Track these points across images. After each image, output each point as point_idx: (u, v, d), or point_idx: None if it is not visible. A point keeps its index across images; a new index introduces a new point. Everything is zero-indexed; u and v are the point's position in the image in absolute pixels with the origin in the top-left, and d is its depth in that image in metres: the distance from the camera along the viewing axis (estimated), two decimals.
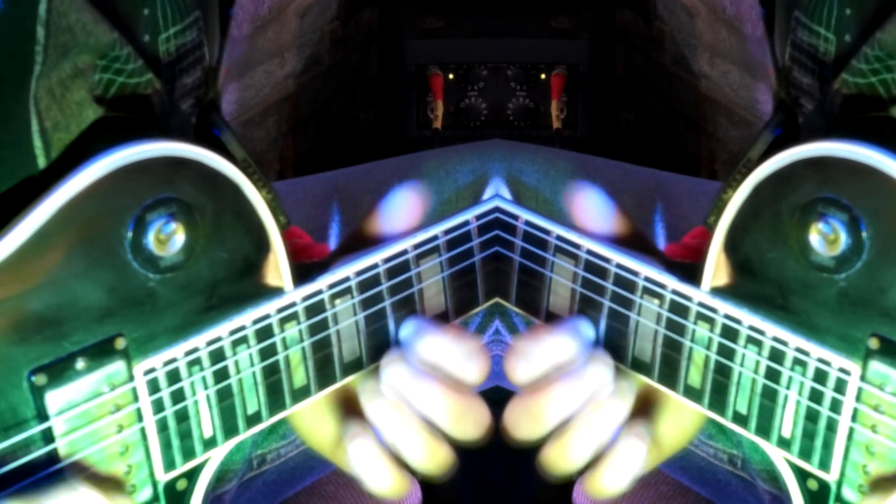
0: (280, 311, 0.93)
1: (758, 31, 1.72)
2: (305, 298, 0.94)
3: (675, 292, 0.95)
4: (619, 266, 0.97)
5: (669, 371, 0.96)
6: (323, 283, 0.95)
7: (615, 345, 0.98)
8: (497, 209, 1.03)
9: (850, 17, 0.90)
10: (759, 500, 1.02)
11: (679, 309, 0.94)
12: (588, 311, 0.99)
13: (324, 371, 0.96)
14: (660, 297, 0.95)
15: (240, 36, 1.79)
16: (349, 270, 0.96)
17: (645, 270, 0.96)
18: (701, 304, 0.93)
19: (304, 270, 0.95)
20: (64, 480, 0.84)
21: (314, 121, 2.06)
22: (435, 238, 1.00)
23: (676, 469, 1.10)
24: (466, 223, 1.02)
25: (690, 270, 0.95)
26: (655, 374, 0.97)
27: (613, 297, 0.97)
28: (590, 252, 0.98)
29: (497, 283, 1.04)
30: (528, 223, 1.01)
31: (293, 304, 0.94)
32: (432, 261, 1.00)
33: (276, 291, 0.94)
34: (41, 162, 0.85)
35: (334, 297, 0.96)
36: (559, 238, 1.00)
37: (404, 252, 0.98)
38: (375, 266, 0.97)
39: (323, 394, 0.97)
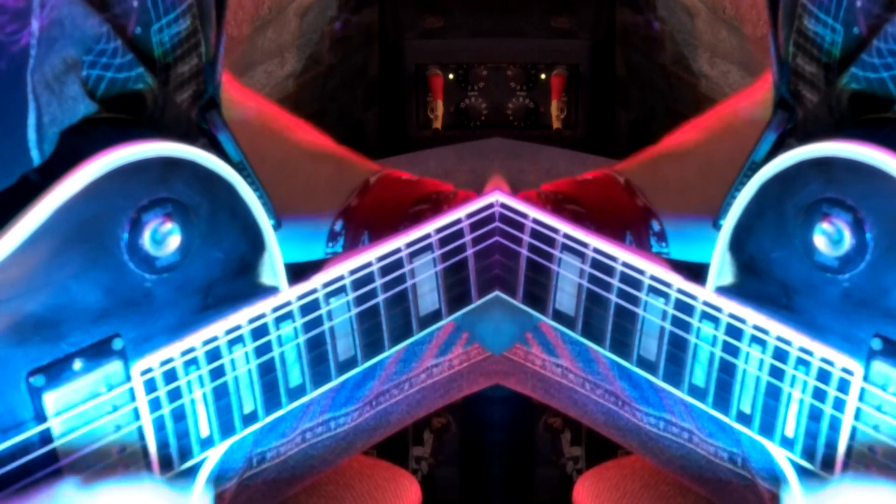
0: (275, 309, 0.93)
1: (758, 30, 1.71)
2: (300, 297, 0.94)
3: (680, 291, 0.94)
4: (625, 264, 0.97)
5: (674, 369, 0.96)
6: (317, 281, 0.95)
7: (621, 343, 0.98)
8: (501, 205, 1.03)
9: (860, 10, 0.89)
10: (759, 499, 1.01)
11: (684, 308, 0.94)
12: (594, 308, 0.99)
13: (319, 369, 0.96)
14: (665, 295, 0.95)
15: (240, 36, 1.79)
16: (343, 269, 0.96)
17: (651, 269, 0.96)
18: (706, 303, 0.93)
19: (298, 270, 0.95)
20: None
21: (314, 121, 2.05)
22: (428, 236, 1.00)
23: (676, 469, 1.10)
24: (458, 221, 1.02)
25: (696, 270, 0.95)
26: (660, 373, 0.97)
27: (619, 294, 0.97)
28: (597, 250, 0.99)
29: (491, 279, 1.04)
30: (536, 221, 1.02)
31: (288, 303, 0.94)
32: (425, 258, 1.00)
33: (272, 290, 0.94)
34: (35, 155, 0.85)
35: (329, 295, 0.96)
36: (566, 236, 1.00)
37: (397, 250, 0.99)
38: (369, 264, 0.97)
39: (317, 392, 0.97)
